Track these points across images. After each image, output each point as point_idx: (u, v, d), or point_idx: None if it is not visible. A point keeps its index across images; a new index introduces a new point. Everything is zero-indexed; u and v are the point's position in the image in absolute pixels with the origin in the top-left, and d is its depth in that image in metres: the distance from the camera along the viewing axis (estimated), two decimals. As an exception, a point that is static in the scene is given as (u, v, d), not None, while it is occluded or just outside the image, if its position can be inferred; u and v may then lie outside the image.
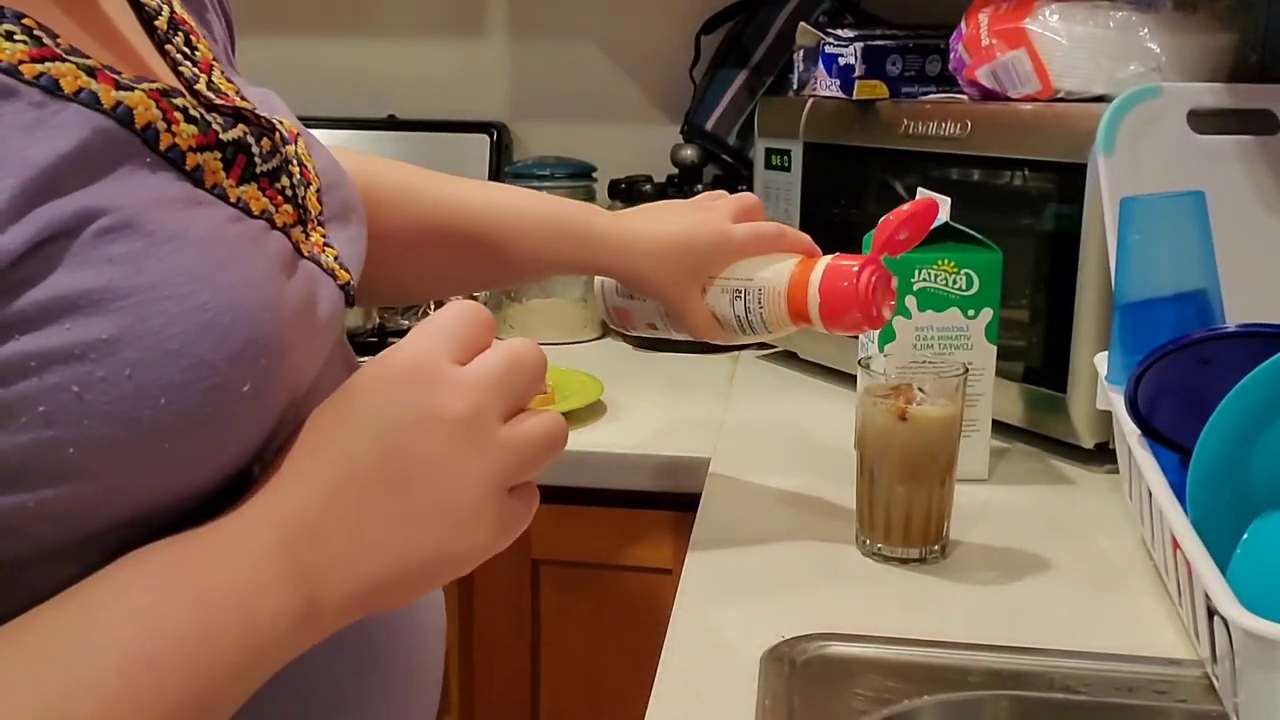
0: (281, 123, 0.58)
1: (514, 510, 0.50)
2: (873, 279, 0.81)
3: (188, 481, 0.46)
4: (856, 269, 0.81)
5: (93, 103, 0.44)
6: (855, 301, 0.81)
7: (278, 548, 0.46)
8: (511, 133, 1.77)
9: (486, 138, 1.72)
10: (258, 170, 0.52)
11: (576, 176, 1.59)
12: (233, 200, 0.50)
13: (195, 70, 0.56)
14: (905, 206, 0.83)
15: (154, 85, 0.47)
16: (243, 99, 0.57)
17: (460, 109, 1.76)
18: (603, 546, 1.15)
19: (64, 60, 0.44)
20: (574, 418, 1.19)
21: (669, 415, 1.22)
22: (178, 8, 0.59)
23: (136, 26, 0.55)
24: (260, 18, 1.65)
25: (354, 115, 1.73)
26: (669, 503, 1.12)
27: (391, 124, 1.76)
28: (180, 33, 0.57)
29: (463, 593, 1.19)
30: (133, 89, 0.46)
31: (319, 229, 0.57)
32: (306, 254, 0.53)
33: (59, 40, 0.45)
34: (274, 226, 0.51)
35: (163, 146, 0.47)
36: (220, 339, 0.44)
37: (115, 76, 0.46)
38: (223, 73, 0.58)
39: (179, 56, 0.55)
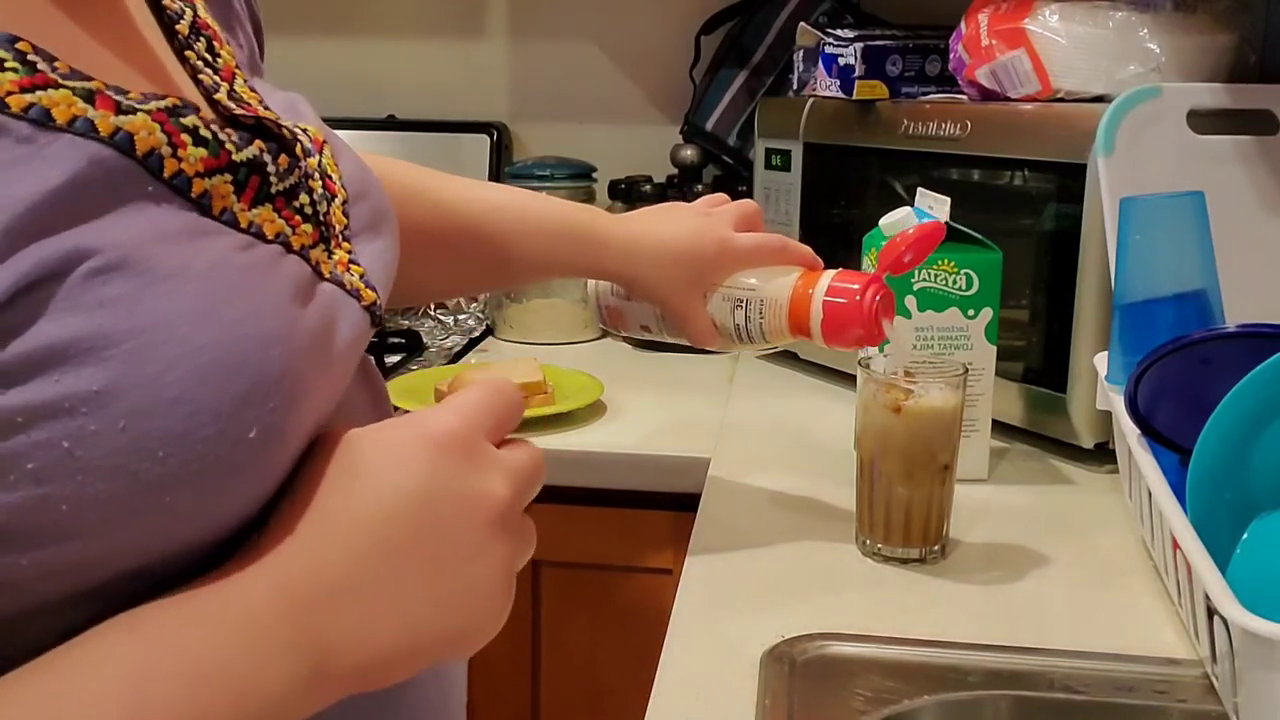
0: (306, 131, 0.55)
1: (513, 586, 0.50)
2: (876, 297, 0.82)
3: (196, 532, 0.43)
4: (860, 287, 0.82)
5: (88, 131, 0.41)
6: (858, 319, 0.82)
7: (285, 614, 0.43)
8: (511, 133, 1.77)
9: (486, 138, 1.72)
10: (273, 190, 0.49)
11: (576, 177, 1.59)
12: (244, 225, 0.47)
13: (216, 78, 0.53)
14: (912, 230, 0.85)
15: (162, 105, 0.45)
16: (265, 108, 0.55)
17: (460, 109, 1.76)
18: (603, 547, 1.15)
19: (58, 87, 0.41)
20: (574, 418, 1.19)
21: (669, 415, 1.22)
22: (201, 12, 0.56)
23: (157, 31, 0.53)
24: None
25: (354, 115, 1.73)
26: (669, 503, 1.12)
27: (391, 124, 1.77)
28: (203, 38, 0.55)
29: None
30: (135, 111, 0.43)
31: (344, 245, 0.54)
32: (328, 275, 0.51)
33: (56, 64, 0.42)
34: (290, 250, 0.49)
35: (167, 173, 0.44)
36: (224, 382, 0.41)
37: (118, 99, 0.43)
38: (245, 80, 0.56)
39: (199, 64, 0.53)
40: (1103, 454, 1.04)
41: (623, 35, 1.74)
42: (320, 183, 0.54)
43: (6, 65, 0.40)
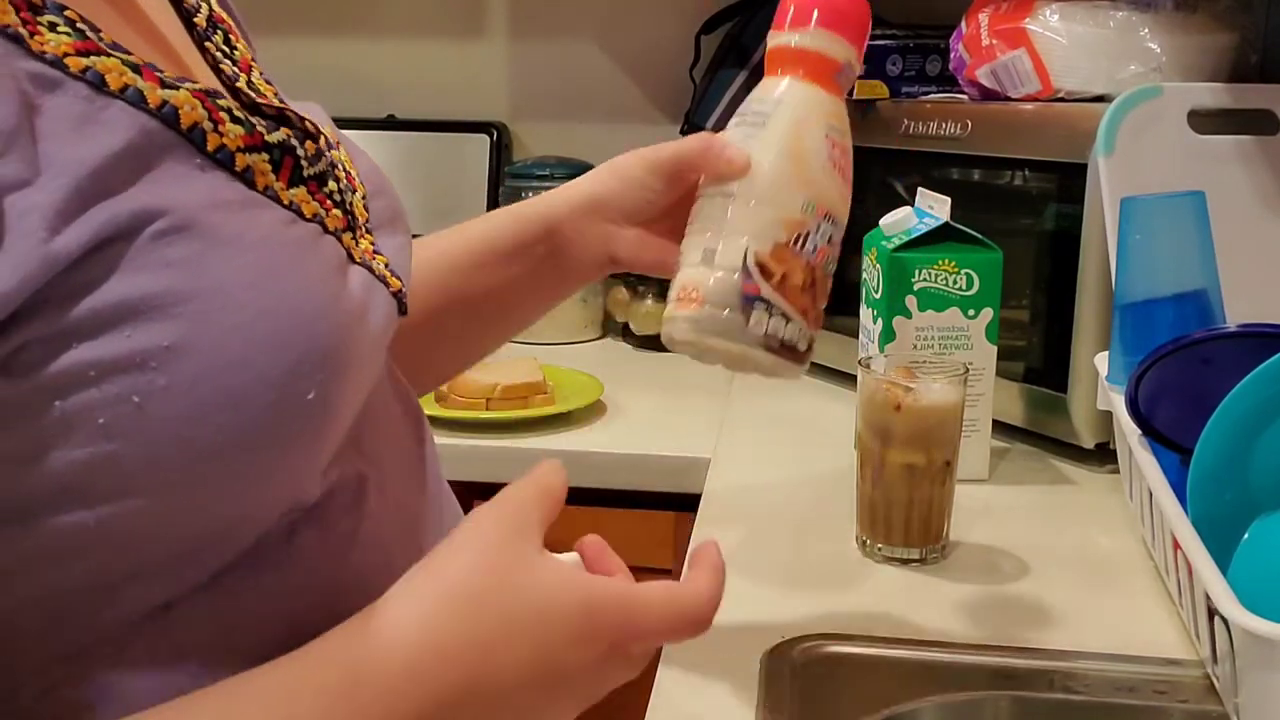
0: (322, 129, 0.56)
1: None
2: None
3: (247, 502, 0.44)
4: None
5: (139, 101, 0.42)
6: None
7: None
8: (511, 133, 1.77)
9: (486, 138, 1.72)
10: (305, 174, 0.49)
11: (576, 176, 1.59)
12: (285, 203, 0.47)
13: (235, 69, 0.54)
14: None
15: (197, 85, 0.45)
16: (281, 101, 0.55)
17: (460, 109, 1.76)
18: (603, 546, 1.15)
19: (109, 55, 0.42)
20: (574, 418, 1.19)
21: (669, 415, 1.22)
22: (216, 6, 0.57)
23: (177, 23, 0.53)
24: (260, 17, 1.64)
25: (354, 115, 1.72)
26: (669, 503, 1.12)
27: (391, 124, 1.76)
28: (219, 30, 0.56)
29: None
30: (178, 88, 0.44)
31: (368, 236, 0.55)
32: (358, 260, 0.51)
33: (101, 34, 0.43)
34: (326, 231, 0.49)
35: (211, 147, 0.44)
36: (277, 350, 0.42)
37: (159, 74, 0.44)
38: (261, 73, 0.57)
39: (218, 55, 0.54)
40: (1103, 454, 1.04)
41: (623, 35, 1.74)
42: (344, 174, 0.54)
43: (60, 29, 0.41)
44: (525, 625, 0.46)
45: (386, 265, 0.54)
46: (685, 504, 1.04)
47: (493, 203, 1.69)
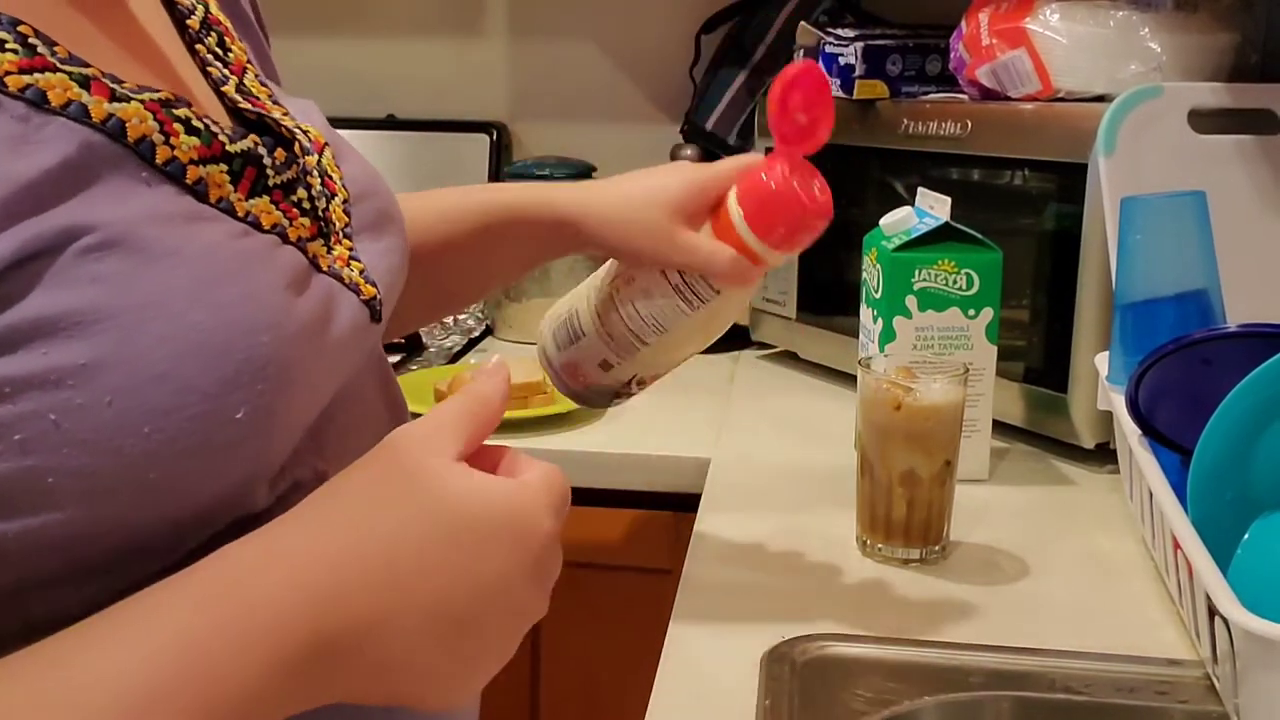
0: (307, 132, 0.56)
1: None
2: (786, 167, 0.70)
3: (184, 509, 0.43)
4: (766, 166, 0.71)
5: (81, 116, 0.42)
6: (780, 196, 0.70)
7: (306, 606, 0.42)
8: (511, 133, 1.77)
9: (486, 138, 1.72)
10: (270, 183, 0.50)
11: (576, 176, 1.59)
12: (241, 214, 0.48)
13: (226, 72, 0.54)
14: (785, 72, 0.70)
15: (156, 95, 0.45)
16: (275, 104, 0.56)
17: (459, 109, 1.76)
18: (602, 546, 1.15)
19: (56, 70, 0.42)
20: (574, 418, 1.19)
21: (669, 415, 1.22)
22: (214, 9, 0.58)
23: (168, 25, 0.54)
24: (260, 17, 1.65)
25: (354, 115, 1.72)
26: (669, 503, 1.12)
27: (390, 124, 1.76)
28: (214, 33, 0.56)
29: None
30: (129, 100, 0.44)
31: (345, 242, 0.55)
32: (326, 268, 0.51)
33: (56, 48, 0.43)
34: (286, 241, 0.49)
35: (159, 160, 0.45)
36: (211, 362, 0.42)
37: (113, 86, 0.44)
38: (256, 76, 0.57)
39: (209, 57, 0.54)
40: (1103, 454, 1.04)
41: (623, 35, 1.74)
42: (320, 180, 0.54)
43: (7, 46, 0.41)
44: (429, 531, 0.44)
45: (361, 272, 0.54)
46: (685, 504, 1.04)
47: (492, 202, 1.68)
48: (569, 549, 0.51)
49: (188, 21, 0.55)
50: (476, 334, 1.55)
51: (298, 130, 0.55)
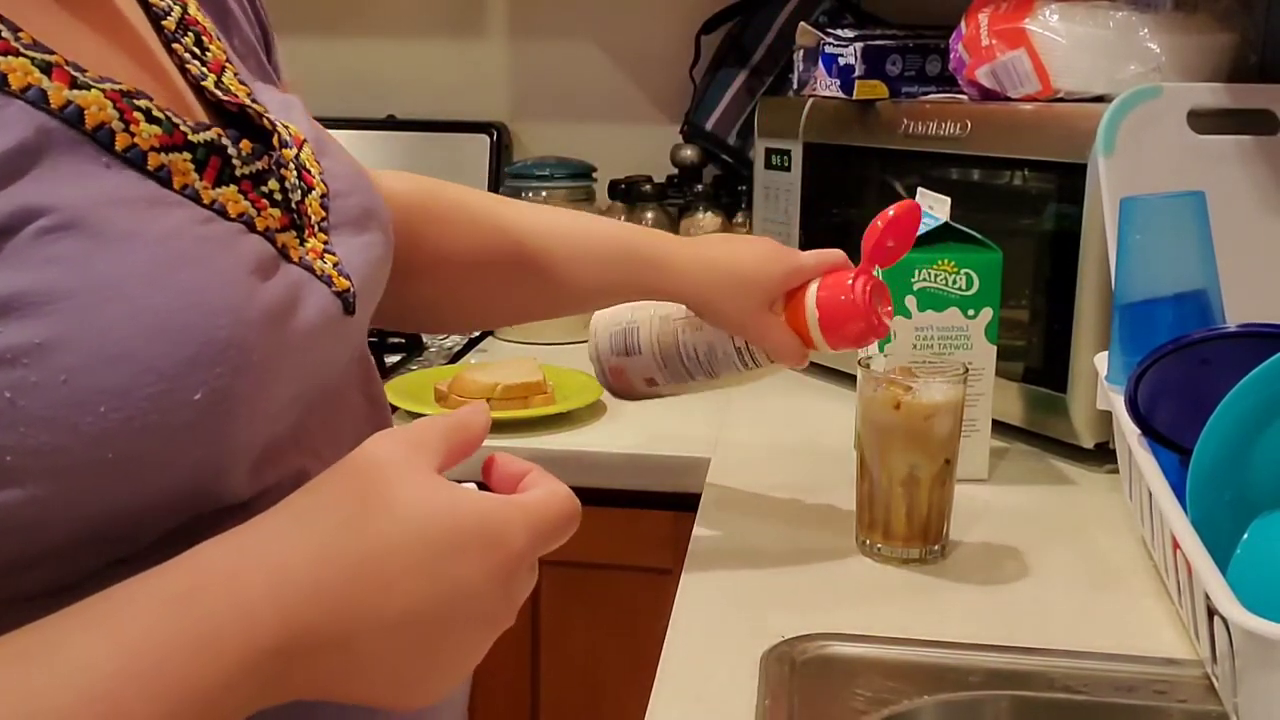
0: (287, 127, 0.57)
1: None
2: (868, 287, 0.81)
3: (145, 493, 0.44)
4: (850, 280, 0.81)
5: (40, 101, 0.43)
6: (854, 312, 0.81)
7: (276, 607, 0.42)
8: (511, 133, 1.77)
9: (486, 138, 1.72)
10: (237, 173, 0.51)
11: (576, 176, 1.59)
12: (207, 202, 0.48)
13: (204, 69, 0.55)
14: (890, 211, 0.82)
15: (117, 86, 0.46)
16: (254, 101, 0.57)
17: (460, 109, 1.76)
18: (603, 547, 1.15)
19: (18, 55, 0.43)
20: (574, 418, 1.19)
21: (669, 415, 1.22)
22: (192, 10, 0.59)
23: (145, 23, 0.55)
24: (260, 18, 1.65)
25: (354, 115, 1.73)
26: (669, 503, 1.12)
27: (391, 124, 1.76)
28: (191, 33, 0.57)
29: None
30: (90, 88, 0.45)
31: (320, 235, 0.55)
32: (297, 259, 0.52)
33: (20, 34, 0.44)
34: (253, 229, 0.50)
35: (119, 146, 0.45)
36: (169, 344, 0.42)
37: (75, 74, 0.45)
38: (236, 74, 0.58)
39: (187, 55, 0.55)
40: (1103, 454, 1.04)
41: (623, 35, 1.74)
42: (296, 174, 0.55)
43: None
44: (399, 541, 0.43)
45: (336, 265, 0.55)
46: (685, 504, 1.04)
47: (493, 203, 1.68)
48: (569, 549, 0.51)
49: (163, 22, 0.56)
50: (476, 334, 1.55)
51: (279, 124, 0.56)
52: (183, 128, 0.48)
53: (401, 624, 0.43)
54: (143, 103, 0.47)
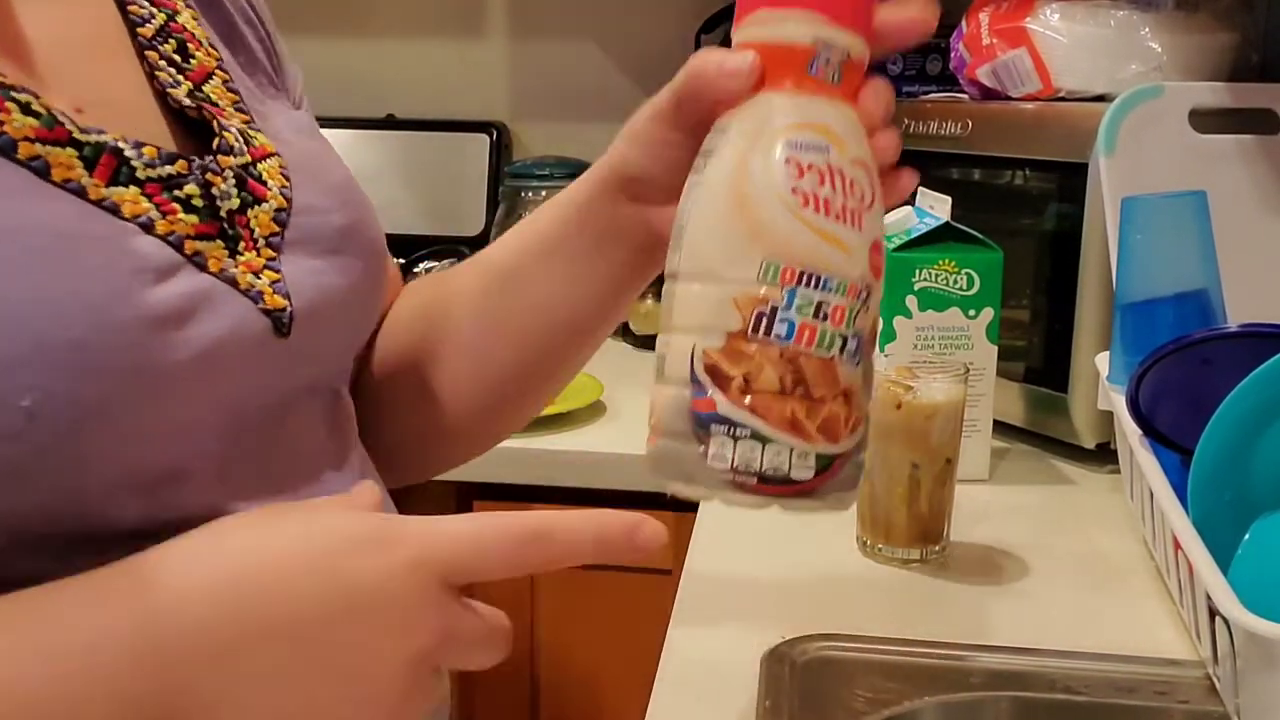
0: (252, 137, 0.55)
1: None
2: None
3: (12, 506, 0.42)
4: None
5: None
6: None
7: (145, 664, 0.40)
8: (511, 132, 1.77)
9: (486, 137, 1.72)
10: (140, 175, 0.49)
11: (576, 176, 1.58)
12: (95, 199, 0.46)
13: (179, 77, 0.55)
14: None
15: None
16: (238, 110, 0.56)
17: (459, 109, 1.76)
18: (603, 547, 1.15)
19: None
20: (574, 418, 1.19)
21: (669, 415, 1.22)
22: (184, 18, 0.58)
23: (120, 29, 0.54)
24: (260, 17, 1.65)
25: (354, 115, 1.72)
26: (669, 503, 1.11)
27: (390, 124, 1.76)
28: (173, 40, 0.56)
29: (462, 593, 1.18)
30: None
31: (265, 250, 0.52)
32: (216, 270, 0.49)
33: None
34: (151, 232, 0.48)
35: None
36: (5, 336, 0.40)
37: None
38: (225, 82, 0.57)
39: (162, 63, 0.55)
40: (1104, 454, 1.03)
41: (623, 35, 1.74)
42: (233, 183, 0.53)
43: None
44: (298, 555, 0.43)
45: (274, 283, 0.52)
46: (685, 504, 1.03)
47: (492, 203, 1.69)
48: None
49: (139, 30, 0.55)
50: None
51: (232, 131, 0.54)
52: (69, 125, 0.47)
53: (275, 702, 0.42)
54: (23, 96, 0.46)
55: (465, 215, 1.70)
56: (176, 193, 0.50)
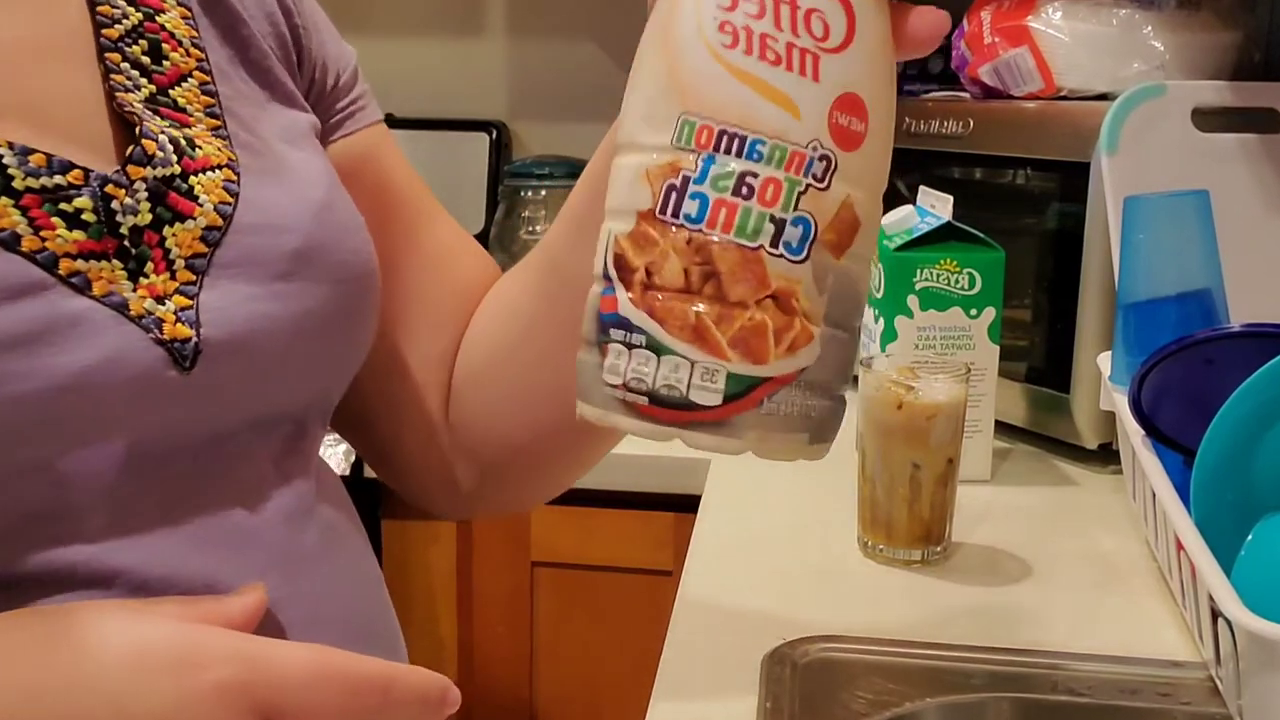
0: (197, 147, 0.52)
1: None
2: None
3: None
4: None
5: None
6: None
7: None
8: (511, 132, 1.77)
9: (485, 137, 1.72)
10: (17, 185, 0.45)
11: (576, 176, 1.56)
12: None
13: (141, 79, 0.52)
14: None
15: None
16: (211, 115, 0.54)
17: (459, 108, 1.76)
18: (602, 548, 1.14)
19: None
20: (574, 418, 1.19)
21: (669, 415, 1.21)
22: (166, 17, 0.55)
23: (85, 28, 0.52)
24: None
25: (353, 114, 1.72)
26: (669, 503, 1.11)
27: (390, 123, 1.75)
28: (145, 40, 0.53)
29: (462, 595, 1.18)
30: None
31: (182, 272, 0.49)
32: (100, 293, 0.46)
33: None
34: (12, 249, 0.44)
35: None
36: None
37: None
38: (201, 85, 0.54)
39: (125, 65, 0.52)
40: (1106, 455, 1.03)
41: (623, 34, 1.73)
42: (146, 198, 0.49)
43: None
44: (81, 672, 0.40)
45: (182, 310, 0.48)
46: (685, 504, 1.03)
47: (492, 202, 1.69)
48: (570, 550, 0.51)
49: (105, 31, 0.52)
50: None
51: (155, 140, 0.50)
52: None
53: None
54: None
55: (465, 215, 1.69)
56: (63, 205, 0.46)
